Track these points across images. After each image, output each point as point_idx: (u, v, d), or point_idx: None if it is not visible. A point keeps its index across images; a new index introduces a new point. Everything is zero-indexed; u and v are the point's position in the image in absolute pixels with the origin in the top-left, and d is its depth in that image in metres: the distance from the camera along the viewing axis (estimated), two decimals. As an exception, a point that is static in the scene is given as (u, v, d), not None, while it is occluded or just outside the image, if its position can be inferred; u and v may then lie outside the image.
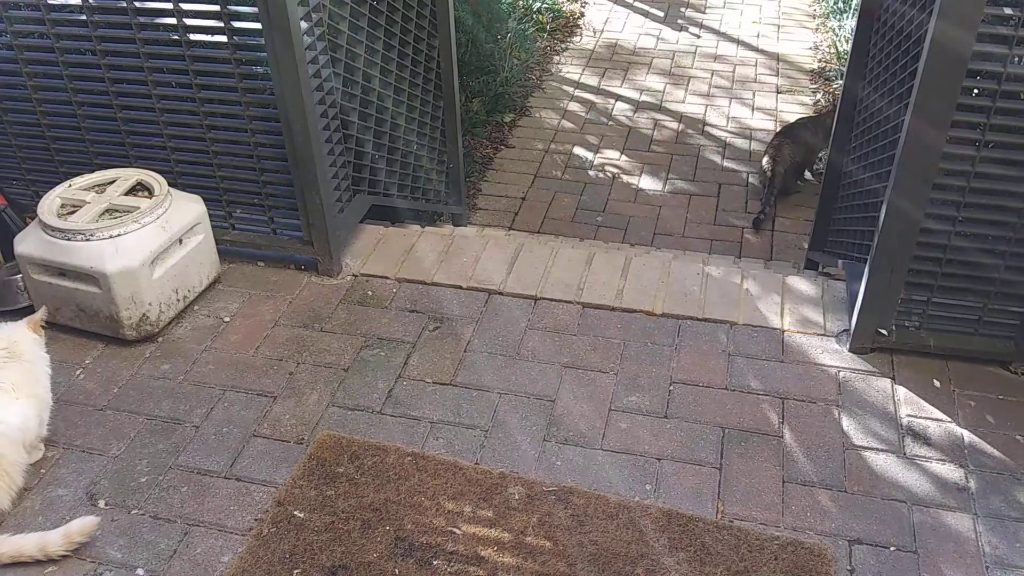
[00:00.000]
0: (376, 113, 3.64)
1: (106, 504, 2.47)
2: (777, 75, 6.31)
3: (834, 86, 5.91)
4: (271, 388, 2.86)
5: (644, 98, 6.09)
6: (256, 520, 2.41)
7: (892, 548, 2.32)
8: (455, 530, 2.36)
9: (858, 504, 2.45)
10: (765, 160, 4.85)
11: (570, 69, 6.52)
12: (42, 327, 2.68)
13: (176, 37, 3.07)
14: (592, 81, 6.35)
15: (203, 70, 3.11)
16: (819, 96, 5.91)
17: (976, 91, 2.51)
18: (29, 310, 3.13)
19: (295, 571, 2.25)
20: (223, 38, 3.03)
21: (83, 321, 3.04)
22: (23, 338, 2.58)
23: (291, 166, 3.18)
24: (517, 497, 2.45)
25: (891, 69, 2.94)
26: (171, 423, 2.74)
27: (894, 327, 2.89)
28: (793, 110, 5.72)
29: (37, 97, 3.37)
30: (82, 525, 2.32)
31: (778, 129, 5.17)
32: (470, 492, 2.47)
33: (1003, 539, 2.34)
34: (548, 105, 6.03)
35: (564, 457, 2.60)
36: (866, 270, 2.84)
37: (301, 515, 2.40)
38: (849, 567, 2.27)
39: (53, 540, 2.29)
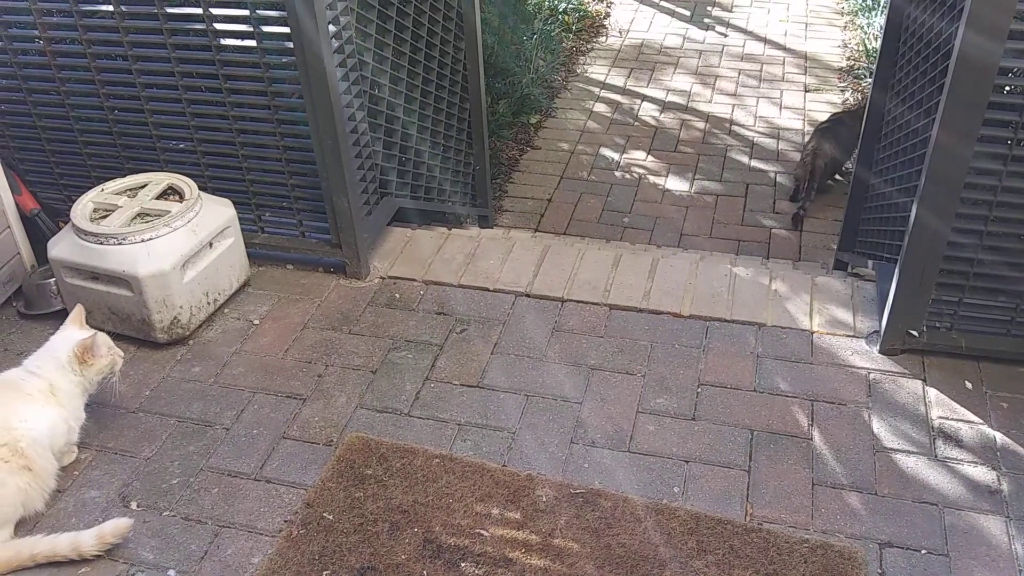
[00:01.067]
0: (403, 116, 3.66)
1: (138, 506, 2.50)
2: (805, 73, 6.26)
3: (863, 84, 5.86)
4: (300, 390, 2.88)
5: (671, 98, 6.06)
6: (286, 522, 2.43)
7: (923, 551, 2.30)
8: (483, 532, 2.36)
9: (889, 507, 2.42)
10: (806, 155, 4.80)
11: (596, 70, 6.51)
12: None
13: (206, 41, 3.10)
14: (618, 81, 6.33)
15: (232, 74, 3.15)
16: (847, 95, 5.86)
17: (1004, 103, 2.48)
18: (63, 314, 3.19)
19: (324, 572, 2.27)
20: (252, 43, 3.06)
21: (115, 324, 3.08)
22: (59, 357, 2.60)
23: (319, 170, 3.21)
24: (544, 499, 2.45)
25: (918, 81, 2.91)
26: (202, 425, 2.77)
27: (925, 328, 2.86)
28: (822, 109, 5.66)
29: (70, 103, 3.42)
30: (116, 526, 2.36)
31: (818, 125, 5.11)
32: (497, 494, 2.47)
33: (1037, 543, 2.32)
34: (574, 106, 6.03)
35: (591, 459, 2.60)
36: (896, 272, 2.81)
37: (330, 517, 2.42)
38: (880, 570, 2.26)
39: (86, 540, 2.33)
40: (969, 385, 2.81)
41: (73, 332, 2.64)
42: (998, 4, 2.32)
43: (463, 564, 2.28)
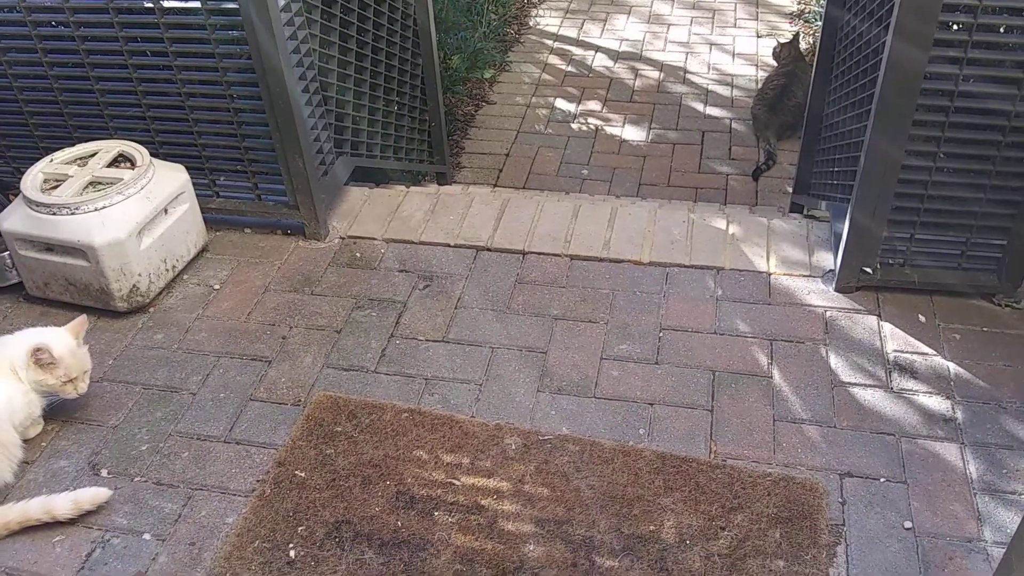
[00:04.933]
0: (355, 73, 3.63)
1: (108, 473, 2.49)
2: (756, 20, 6.28)
3: (814, 28, 5.89)
4: (265, 353, 2.88)
5: (624, 48, 6.06)
6: (258, 481, 2.44)
7: (882, 479, 2.38)
8: (454, 481, 2.40)
9: (848, 439, 2.50)
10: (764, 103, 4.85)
11: (548, 21, 6.48)
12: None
13: (149, 5, 3.04)
14: (571, 32, 6.31)
15: (178, 37, 3.09)
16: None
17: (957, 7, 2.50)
18: (19, 287, 3.15)
19: (299, 528, 2.29)
20: (196, 3, 3.00)
21: (73, 295, 3.05)
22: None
23: (272, 130, 3.17)
24: (514, 447, 2.49)
25: (868, 7, 2.94)
26: (168, 391, 2.76)
27: (878, 265, 2.93)
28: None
29: (12, 72, 3.34)
30: (95, 495, 2.35)
31: (778, 68, 5.13)
32: (467, 445, 2.51)
33: (990, 466, 2.40)
34: (528, 59, 6.00)
35: (558, 406, 2.64)
36: (849, 210, 2.86)
37: (302, 474, 2.44)
38: (841, 499, 2.33)
39: (60, 504, 2.32)
40: (923, 319, 2.89)
41: (57, 335, 2.58)
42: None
43: (436, 513, 2.31)
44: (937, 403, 2.60)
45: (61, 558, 2.27)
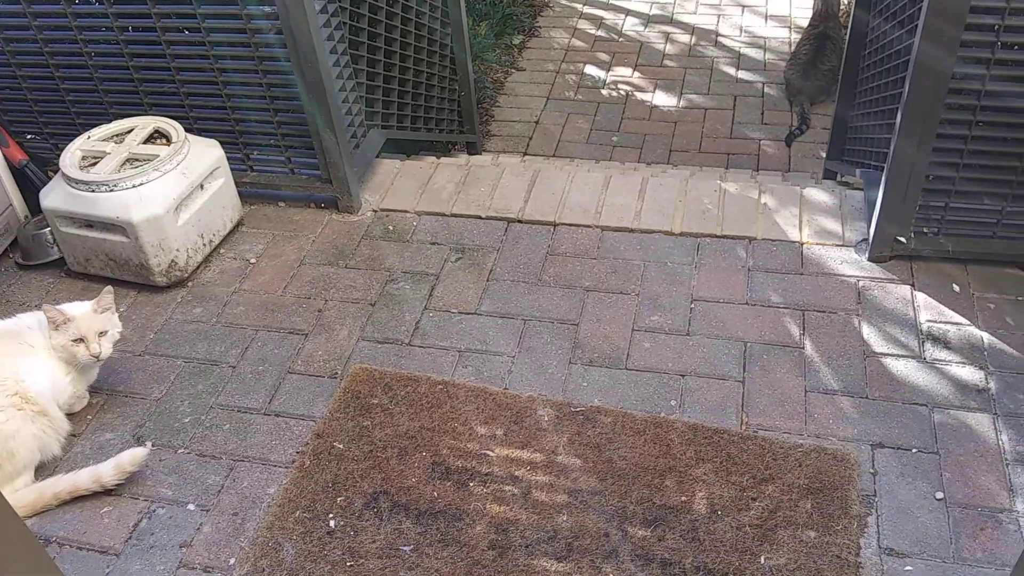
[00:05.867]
0: (385, 45, 3.63)
1: (153, 445, 2.57)
2: (789, -21, 6.17)
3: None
4: (302, 326, 2.93)
5: (654, 11, 6.00)
6: (298, 453, 2.50)
7: (914, 450, 2.39)
8: (488, 453, 2.45)
9: (880, 409, 2.50)
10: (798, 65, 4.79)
11: (577, -14, 6.41)
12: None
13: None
14: (601, -3, 6.25)
15: (211, 12, 3.11)
16: None
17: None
18: (60, 263, 3.22)
19: (338, 498, 2.35)
20: (228, -21, 3.02)
21: (114, 270, 3.11)
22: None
23: (304, 104, 3.19)
24: (546, 419, 2.53)
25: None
26: (208, 364, 2.82)
27: (912, 234, 2.91)
28: (806, 16, 5.61)
29: (48, 50, 3.38)
30: (133, 455, 2.43)
31: (809, 29, 5.05)
32: (501, 416, 2.55)
33: (1023, 437, 2.40)
34: (557, 24, 5.96)
35: (590, 378, 2.67)
36: (883, 178, 2.84)
37: (340, 446, 2.50)
38: (872, 470, 2.35)
39: (105, 471, 2.41)
40: (956, 288, 2.87)
41: (71, 304, 2.64)
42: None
43: (471, 484, 2.36)
44: (970, 373, 2.59)
45: (109, 528, 2.35)
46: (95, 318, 2.57)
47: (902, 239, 2.91)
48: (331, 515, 2.32)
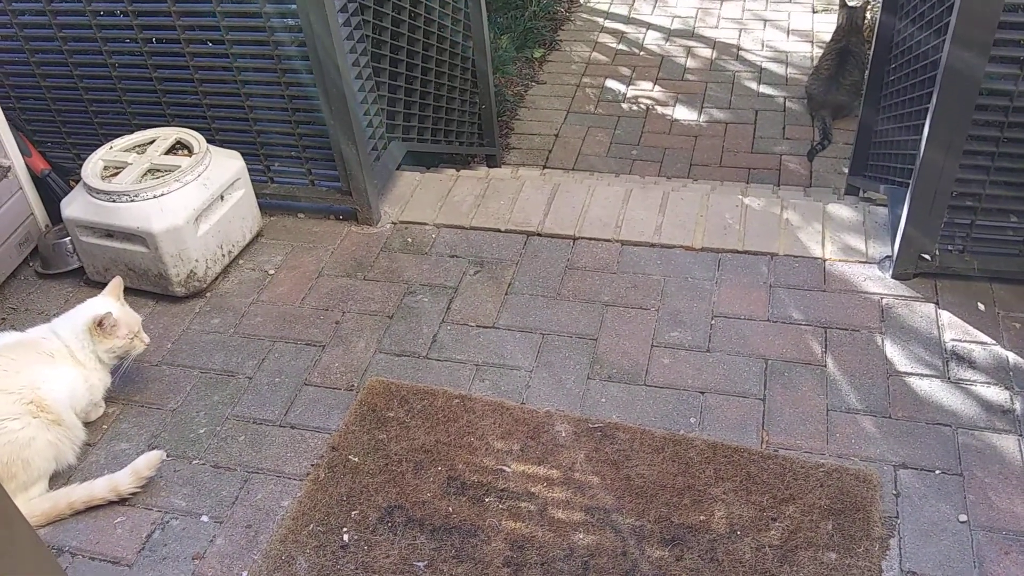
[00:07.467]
0: (407, 58, 3.64)
1: (168, 455, 2.56)
2: (812, -6, 6.14)
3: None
4: (319, 337, 2.92)
5: (676, 25, 5.98)
6: (312, 465, 2.49)
7: (938, 471, 2.35)
8: (505, 468, 2.42)
9: (903, 429, 2.46)
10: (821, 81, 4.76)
11: (599, -1, 6.41)
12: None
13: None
14: (622, 10, 6.24)
15: (234, 25, 3.12)
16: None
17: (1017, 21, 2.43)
18: (80, 272, 3.23)
19: (352, 512, 2.34)
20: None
21: (133, 280, 3.12)
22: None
23: (325, 117, 3.20)
24: (564, 435, 2.50)
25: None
26: (225, 375, 2.82)
27: (937, 252, 2.87)
28: (829, 30, 5.57)
29: (72, 61, 3.41)
30: (148, 459, 2.43)
31: (831, 44, 5.01)
32: (518, 431, 2.52)
33: (1050, 459, 2.35)
34: (578, 38, 5.96)
35: (608, 394, 2.64)
36: (907, 196, 2.80)
37: (355, 459, 2.48)
38: (895, 491, 2.30)
39: (122, 479, 2.41)
40: (982, 307, 2.83)
41: (102, 302, 2.66)
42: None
43: (487, 499, 2.34)
44: (995, 394, 2.54)
45: (122, 539, 2.34)
46: (127, 309, 2.67)
47: (927, 256, 2.87)
48: (345, 529, 2.30)
